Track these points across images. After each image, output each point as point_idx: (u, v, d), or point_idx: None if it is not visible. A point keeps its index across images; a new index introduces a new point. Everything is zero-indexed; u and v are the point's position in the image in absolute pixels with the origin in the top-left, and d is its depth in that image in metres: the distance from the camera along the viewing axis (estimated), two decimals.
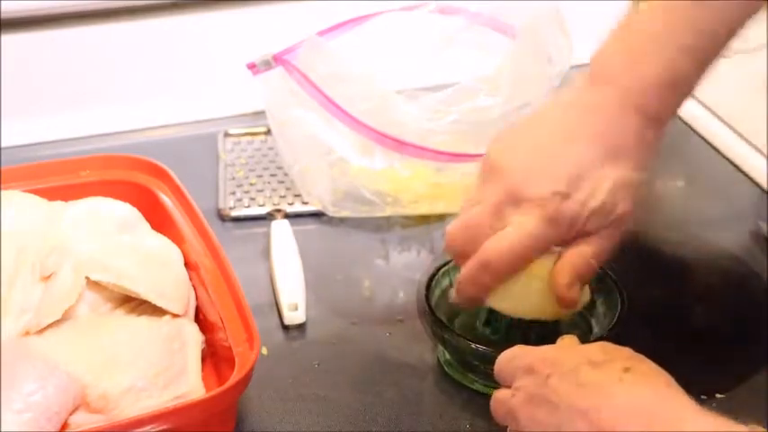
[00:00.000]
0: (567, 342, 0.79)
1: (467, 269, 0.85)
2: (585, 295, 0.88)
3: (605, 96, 0.84)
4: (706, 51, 0.84)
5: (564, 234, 0.84)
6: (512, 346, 0.79)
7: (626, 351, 0.73)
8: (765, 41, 1.33)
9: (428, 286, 0.92)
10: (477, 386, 0.88)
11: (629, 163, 0.83)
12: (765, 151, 1.18)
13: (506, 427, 0.77)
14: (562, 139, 0.85)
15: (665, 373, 0.70)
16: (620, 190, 0.83)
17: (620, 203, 0.83)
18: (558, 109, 0.87)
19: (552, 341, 0.79)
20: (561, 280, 0.84)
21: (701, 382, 0.72)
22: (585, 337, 0.83)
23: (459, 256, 0.86)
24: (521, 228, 0.83)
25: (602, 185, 0.83)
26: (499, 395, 0.77)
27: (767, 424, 0.74)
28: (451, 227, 0.86)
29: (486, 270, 0.84)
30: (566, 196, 0.82)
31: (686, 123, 1.24)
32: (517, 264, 0.84)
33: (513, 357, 0.77)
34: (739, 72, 1.33)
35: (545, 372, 0.72)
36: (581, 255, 0.84)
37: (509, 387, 0.75)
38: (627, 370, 0.70)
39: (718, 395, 0.86)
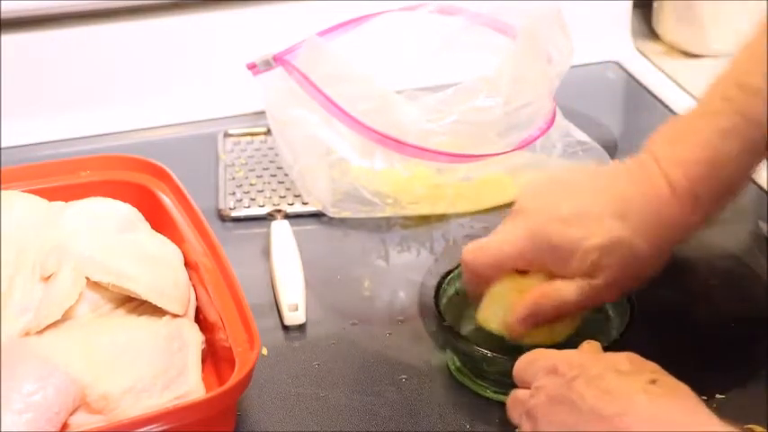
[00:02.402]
0: (590, 347, 0.79)
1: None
2: (566, 328, 0.87)
3: (638, 165, 0.84)
4: (748, 135, 0.82)
5: (541, 257, 0.84)
6: (523, 352, 0.79)
7: (652, 365, 0.73)
8: None
9: (436, 294, 0.92)
10: (488, 393, 0.88)
11: (635, 229, 0.82)
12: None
13: (509, 427, 0.77)
14: (581, 182, 0.86)
15: (688, 388, 0.70)
16: (612, 247, 0.82)
17: (607, 259, 0.82)
18: (593, 167, 0.89)
19: (565, 347, 0.80)
20: (518, 311, 0.85)
21: (701, 382, 0.72)
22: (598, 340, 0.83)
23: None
24: (502, 235, 0.86)
25: (602, 232, 0.82)
26: (518, 395, 0.77)
27: (767, 424, 0.74)
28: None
29: (467, 270, 0.88)
30: (560, 221, 0.83)
31: None
32: (493, 268, 0.86)
33: (536, 359, 0.77)
34: None
35: (570, 374, 0.72)
36: (551, 292, 0.84)
37: (527, 389, 0.76)
38: (653, 382, 0.70)
39: (718, 395, 0.86)
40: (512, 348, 0.86)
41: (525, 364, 0.78)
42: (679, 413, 0.68)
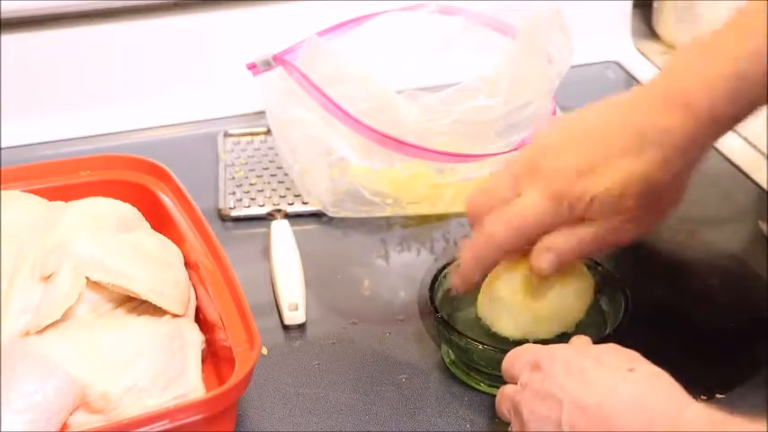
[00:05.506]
0: (580, 342, 0.80)
1: (471, 242, 0.86)
2: (585, 299, 0.88)
3: (655, 90, 0.82)
4: None
5: (564, 214, 0.82)
6: (519, 345, 0.80)
7: (633, 353, 0.73)
8: None
9: (432, 287, 0.92)
10: (482, 387, 0.89)
11: (652, 162, 0.80)
12: (765, 151, 1.18)
13: (508, 425, 0.77)
14: (593, 125, 0.83)
15: (667, 375, 0.71)
16: (632, 183, 0.80)
17: (628, 195, 0.81)
18: (606, 101, 0.85)
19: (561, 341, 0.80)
20: (537, 248, 0.84)
21: (701, 382, 0.72)
22: (595, 337, 0.84)
23: (475, 220, 0.87)
24: (524, 202, 0.83)
25: (615, 174, 0.80)
26: (505, 390, 0.78)
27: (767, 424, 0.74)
28: (472, 191, 0.87)
29: (489, 243, 0.85)
30: (578, 174, 0.81)
31: None
32: (517, 238, 0.84)
33: (522, 354, 0.78)
34: None
35: (552, 368, 0.73)
36: (568, 234, 0.83)
37: (515, 384, 0.76)
38: (631, 370, 0.70)
39: (718, 395, 0.86)
40: (505, 342, 0.87)
41: (512, 360, 0.79)
42: (655, 399, 0.68)
